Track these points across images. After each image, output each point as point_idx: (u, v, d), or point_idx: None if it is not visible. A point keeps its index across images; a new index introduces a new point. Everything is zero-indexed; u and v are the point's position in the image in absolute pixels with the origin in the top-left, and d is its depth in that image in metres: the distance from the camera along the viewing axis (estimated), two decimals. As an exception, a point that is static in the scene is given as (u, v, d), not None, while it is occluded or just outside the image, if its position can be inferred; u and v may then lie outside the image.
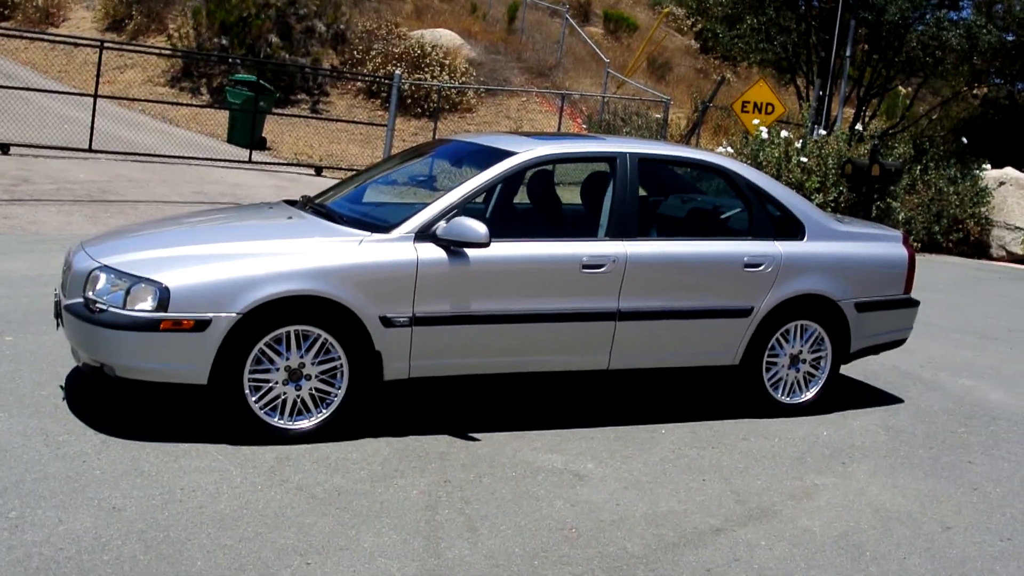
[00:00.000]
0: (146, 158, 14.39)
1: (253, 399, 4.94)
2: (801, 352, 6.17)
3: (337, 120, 18.81)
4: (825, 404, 6.32)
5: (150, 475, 4.50)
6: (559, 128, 19.27)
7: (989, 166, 17.80)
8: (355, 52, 20.93)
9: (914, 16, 18.47)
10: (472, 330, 5.28)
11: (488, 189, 5.57)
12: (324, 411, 5.09)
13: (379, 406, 5.59)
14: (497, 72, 21.41)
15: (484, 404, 5.92)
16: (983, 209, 17.04)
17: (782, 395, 6.17)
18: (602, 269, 5.51)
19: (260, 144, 16.88)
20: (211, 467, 4.64)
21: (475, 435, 5.37)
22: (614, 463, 5.20)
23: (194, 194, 12.81)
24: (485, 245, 5.12)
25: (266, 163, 15.92)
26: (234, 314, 4.79)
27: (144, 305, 4.76)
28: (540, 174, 6.05)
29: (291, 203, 6.07)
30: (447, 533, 4.23)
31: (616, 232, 5.62)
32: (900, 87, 25.53)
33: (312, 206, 5.86)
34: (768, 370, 6.10)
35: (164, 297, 4.74)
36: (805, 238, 6.14)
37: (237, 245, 5.06)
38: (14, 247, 9.00)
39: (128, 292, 4.79)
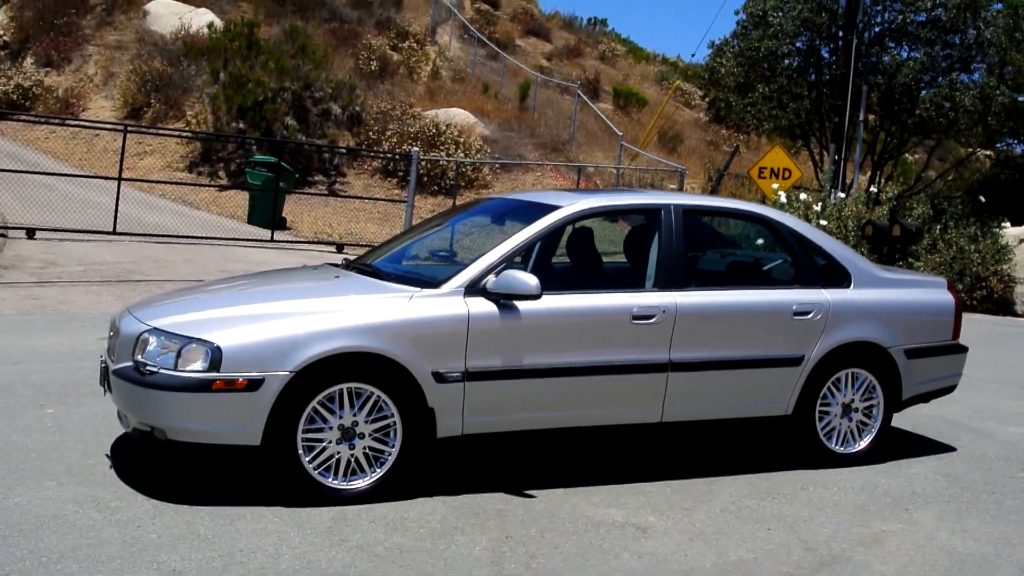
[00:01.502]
0: (170, 239, 14.46)
1: (307, 459, 4.85)
2: (853, 401, 6.08)
3: (358, 198, 18.95)
4: (879, 453, 6.20)
5: (207, 538, 4.40)
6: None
7: (1008, 224, 17.82)
8: (370, 133, 21.17)
9: (925, 79, 18.70)
10: (524, 384, 5.21)
11: (534, 243, 5.53)
12: (379, 470, 5.00)
13: (431, 465, 5.49)
14: (511, 148, 21.62)
15: (536, 460, 5.82)
16: (1005, 267, 17.00)
17: (836, 445, 6.06)
18: (652, 320, 5.45)
19: (280, 224, 16.99)
20: (267, 529, 4.55)
21: (531, 492, 5.26)
22: (675, 515, 5.08)
23: (219, 272, 12.83)
24: (536, 297, 5.08)
25: (288, 242, 16.01)
26: (287, 372, 4.73)
27: (195, 366, 4.71)
28: (583, 229, 6.03)
29: (334, 265, 6.06)
30: (516, 587, 4.12)
31: (664, 283, 5.58)
32: (908, 155, 25.72)
33: (356, 266, 5.85)
34: (821, 419, 6.00)
35: (216, 357, 4.69)
36: (852, 286, 6.09)
37: (287, 304, 5.04)
38: (46, 325, 8.99)
39: (179, 353, 4.74)
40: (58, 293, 10.47)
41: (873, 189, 17.89)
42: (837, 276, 6.09)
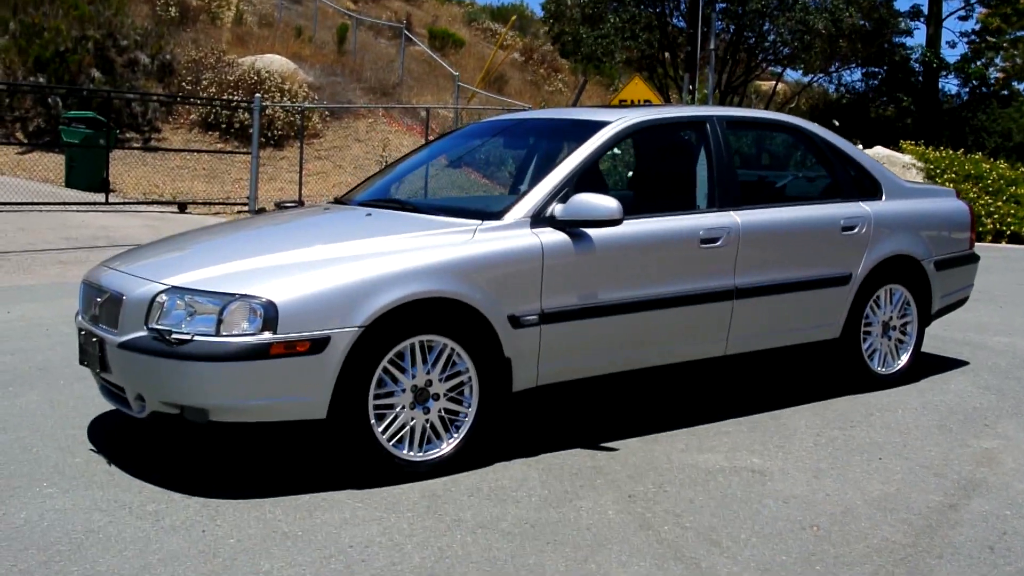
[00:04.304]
0: (-11, 207, 12.73)
1: (379, 429, 4.07)
2: (891, 318, 5.81)
3: (198, 151, 17.41)
4: (913, 372, 5.97)
5: (298, 536, 3.59)
6: (426, 138, 18.53)
7: (860, 145, 18.38)
8: (183, 83, 19.48)
9: (774, 4, 18.92)
10: (600, 324, 4.59)
11: (592, 162, 4.82)
12: (455, 435, 4.28)
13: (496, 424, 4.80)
14: (338, 95, 20.47)
15: (581, 412, 5.23)
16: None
17: (878, 366, 5.77)
18: (718, 243, 4.94)
19: (103, 186, 15.29)
20: (358, 517, 3.77)
21: (608, 444, 4.68)
22: (775, 455, 4.62)
23: (63, 240, 11.39)
24: (618, 222, 4.45)
25: (124, 203, 14.46)
26: (355, 328, 3.93)
27: (244, 328, 3.83)
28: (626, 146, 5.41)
29: (339, 202, 5.21)
30: (693, 551, 3.55)
31: (720, 202, 5.07)
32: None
33: (370, 203, 5.03)
34: (864, 340, 5.69)
35: (270, 315, 3.83)
36: (884, 197, 5.79)
37: (335, 248, 4.19)
38: (-101, 309, 7.56)
39: (221, 315, 3.84)
40: None
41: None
42: (870, 187, 5.77)
